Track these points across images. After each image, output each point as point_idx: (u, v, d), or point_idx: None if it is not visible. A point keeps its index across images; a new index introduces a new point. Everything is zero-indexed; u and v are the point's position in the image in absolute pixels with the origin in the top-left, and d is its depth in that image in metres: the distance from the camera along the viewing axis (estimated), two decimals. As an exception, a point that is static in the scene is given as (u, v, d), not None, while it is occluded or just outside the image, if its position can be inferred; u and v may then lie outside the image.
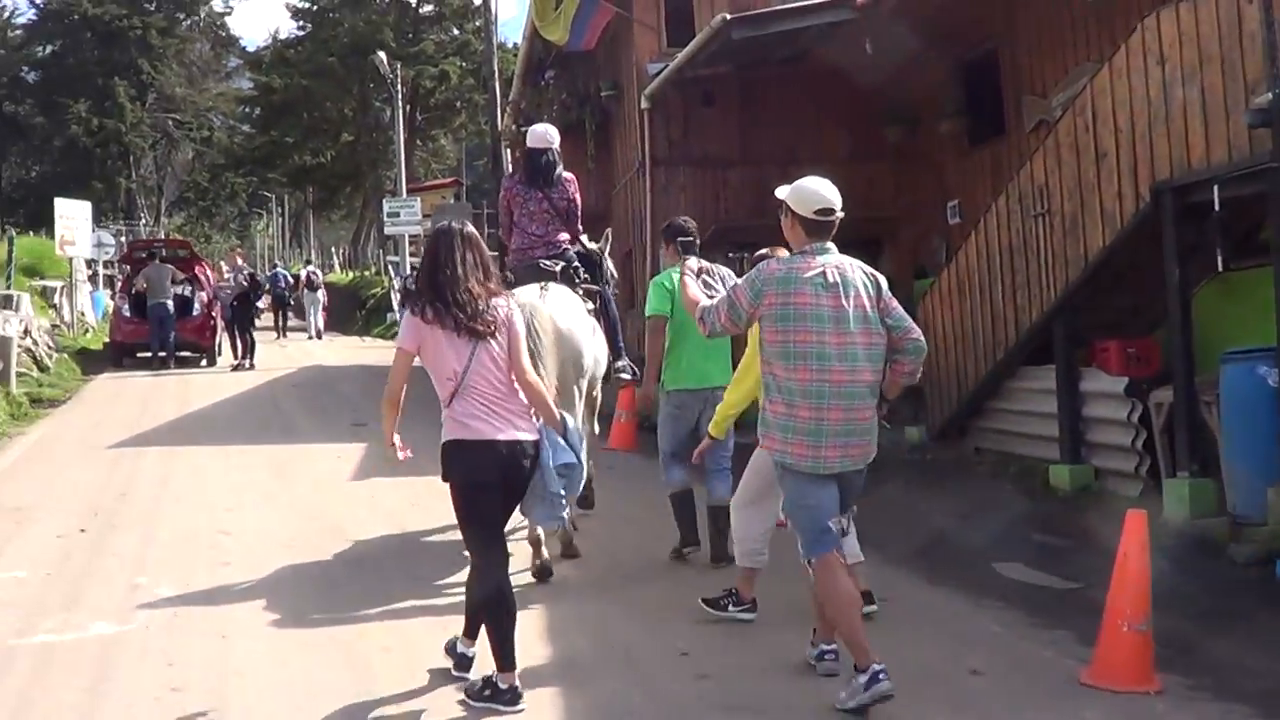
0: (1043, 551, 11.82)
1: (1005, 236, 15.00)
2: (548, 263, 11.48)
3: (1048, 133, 14.75)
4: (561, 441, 7.61)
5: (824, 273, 7.24)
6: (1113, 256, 13.03)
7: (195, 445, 17.94)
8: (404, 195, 50.16)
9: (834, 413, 7.15)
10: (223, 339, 33.16)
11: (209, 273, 34.67)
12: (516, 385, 7.48)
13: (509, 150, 34.11)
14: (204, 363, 32.05)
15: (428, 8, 75.68)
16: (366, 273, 72.49)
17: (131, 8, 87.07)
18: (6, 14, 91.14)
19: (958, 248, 16.82)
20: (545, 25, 22.78)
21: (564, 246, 11.87)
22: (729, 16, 17.54)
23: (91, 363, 31.24)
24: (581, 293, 11.67)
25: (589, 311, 11.56)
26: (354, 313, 56.18)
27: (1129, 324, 14.01)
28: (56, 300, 36.69)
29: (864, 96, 20.87)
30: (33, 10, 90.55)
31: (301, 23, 77.79)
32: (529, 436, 7.45)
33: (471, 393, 7.31)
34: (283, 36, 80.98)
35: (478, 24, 71.20)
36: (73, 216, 38.26)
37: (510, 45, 64.69)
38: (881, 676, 7.01)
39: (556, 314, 10.39)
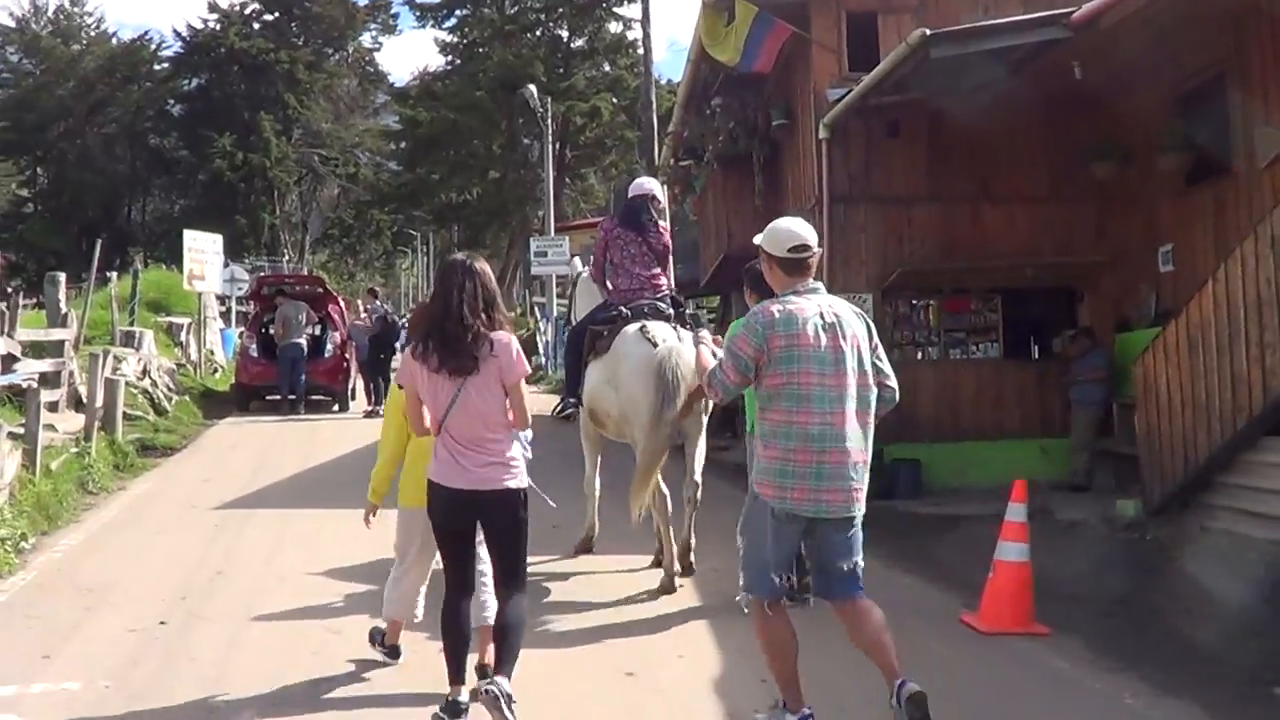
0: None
1: (1252, 288, 12.60)
2: (661, 305, 12.14)
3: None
4: None
5: (821, 313, 7.22)
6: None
7: (312, 508, 15.55)
8: (552, 234, 48.05)
9: (834, 455, 7.10)
10: (356, 382, 31.32)
11: (343, 311, 32.73)
12: (504, 427, 7.59)
13: (666, 186, 32.07)
14: (335, 408, 29.77)
15: (580, 42, 74.64)
16: (512, 313, 70.58)
17: (279, 42, 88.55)
18: (153, 47, 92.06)
19: (1188, 299, 14.48)
20: (714, 45, 20.63)
21: (664, 290, 12.45)
22: (929, 32, 15.33)
23: (216, 405, 29.55)
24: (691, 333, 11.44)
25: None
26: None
27: None
28: (183, 338, 35.42)
29: (1067, 129, 18.69)
30: (179, 43, 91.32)
31: (450, 57, 76.93)
32: (507, 485, 7.54)
33: (448, 437, 7.50)
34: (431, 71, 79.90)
35: (631, 59, 70.44)
36: (203, 249, 36.63)
37: (664, 81, 63.16)
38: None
39: (691, 355, 10.49)
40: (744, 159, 22.25)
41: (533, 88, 51.93)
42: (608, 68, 73.55)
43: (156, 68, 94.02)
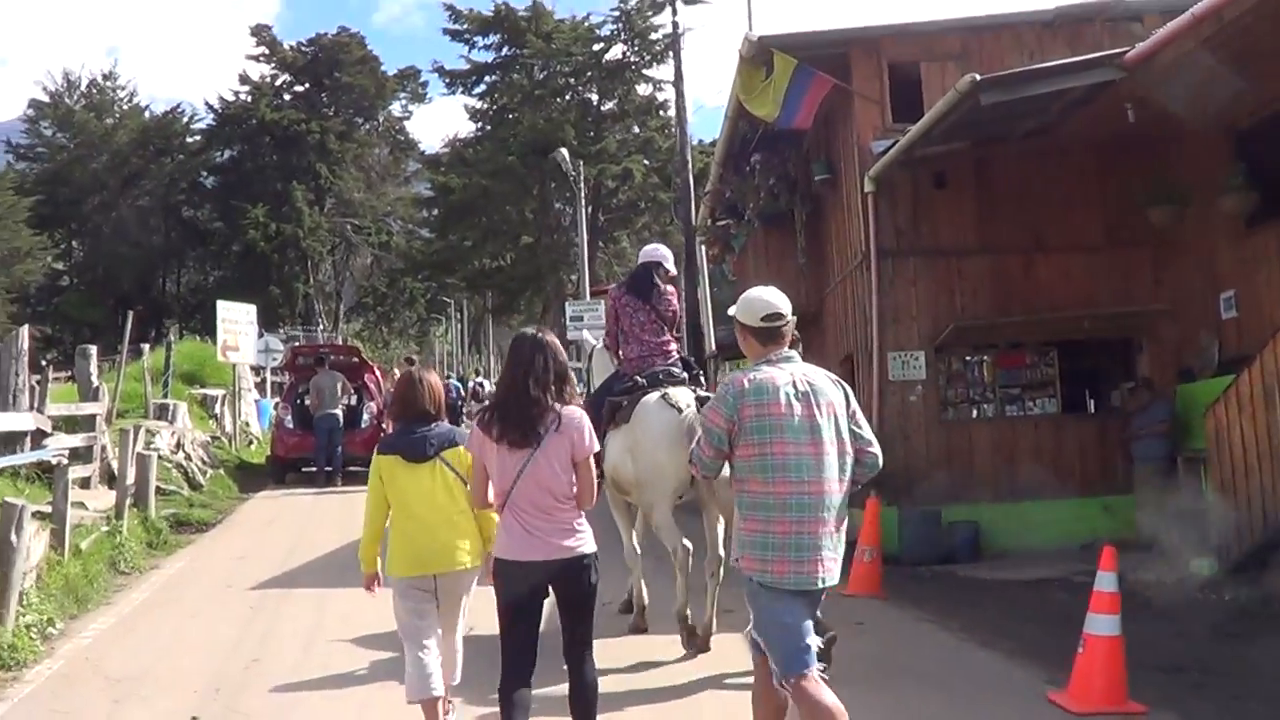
0: None
1: (1332, 332, 12.08)
2: (676, 370, 12.26)
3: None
4: None
5: (794, 382, 7.07)
6: None
7: (351, 587, 14.11)
8: (587, 298, 47.53)
9: (813, 525, 6.92)
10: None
11: (379, 380, 32.26)
12: (570, 498, 7.46)
13: (704, 246, 31.52)
14: (373, 479, 28.93)
15: (609, 105, 74.26)
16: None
17: (310, 112, 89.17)
18: (186, 119, 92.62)
19: (1260, 346, 13.88)
20: (752, 99, 20.06)
21: (674, 355, 12.59)
22: (979, 77, 14.77)
23: (252, 478, 29.08)
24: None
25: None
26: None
27: None
28: (217, 410, 35.04)
29: (1120, 173, 18.19)
30: (211, 115, 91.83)
31: (480, 124, 76.75)
32: (579, 552, 7.43)
33: (517, 510, 7.36)
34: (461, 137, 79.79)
35: (661, 121, 70.17)
36: (236, 320, 36.29)
37: (696, 142, 62.82)
38: None
39: None
40: (785, 216, 21.85)
41: (564, 151, 51.75)
42: (638, 130, 73.23)
43: (189, 140, 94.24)
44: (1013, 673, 10.65)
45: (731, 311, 7.49)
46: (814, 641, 7.00)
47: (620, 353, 12.76)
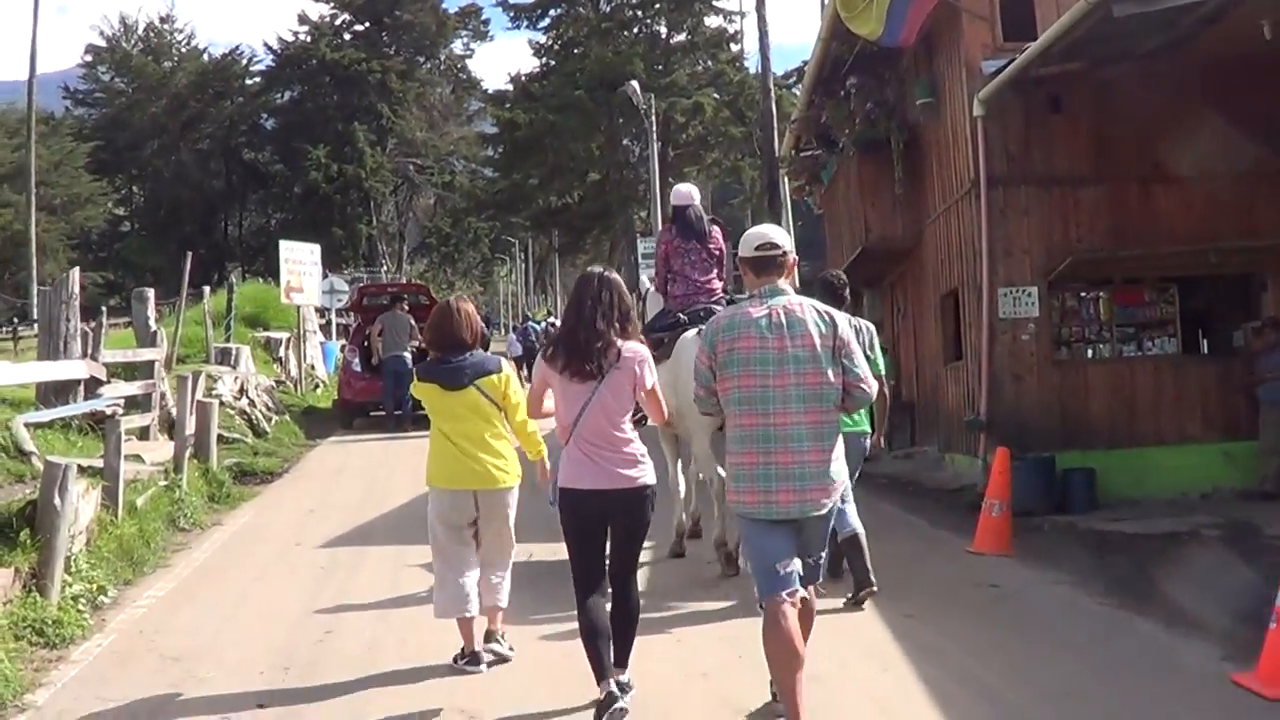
0: None
1: None
2: (715, 308, 11.92)
3: None
4: None
5: (769, 314, 7.16)
6: None
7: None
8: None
9: (781, 456, 7.02)
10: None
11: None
12: (632, 430, 7.87)
13: (789, 177, 30.21)
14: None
15: (679, 37, 72.77)
16: (612, 319, 68.77)
17: (370, 51, 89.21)
18: (245, 61, 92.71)
19: None
20: (854, 17, 18.71)
21: (718, 293, 12.92)
22: (1109, -12, 13.47)
23: (318, 424, 28.05)
24: None
25: None
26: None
27: None
28: (281, 353, 34.13)
29: (1250, 98, 16.58)
30: (270, 57, 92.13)
31: (545, 59, 76.14)
32: (639, 483, 7.73)
33: (582, 440, 7.69)
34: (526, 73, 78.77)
35: (731, 54, 68.98)
36: (300, 260, 35.21)
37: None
38: None
39: None
40: (881, 144, 20.54)
41: (635, 84, 50.59)
42: (708, 63, 71.71)
43: (249, 82, 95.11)
44: (1177, 647, 9.29)
45: (739, 251, 7.54)
46: (795, 567, 7.10)
47: (669, 291, 13.16)
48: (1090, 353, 17.64)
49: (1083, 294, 17.57)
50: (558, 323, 53.49)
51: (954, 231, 18.90)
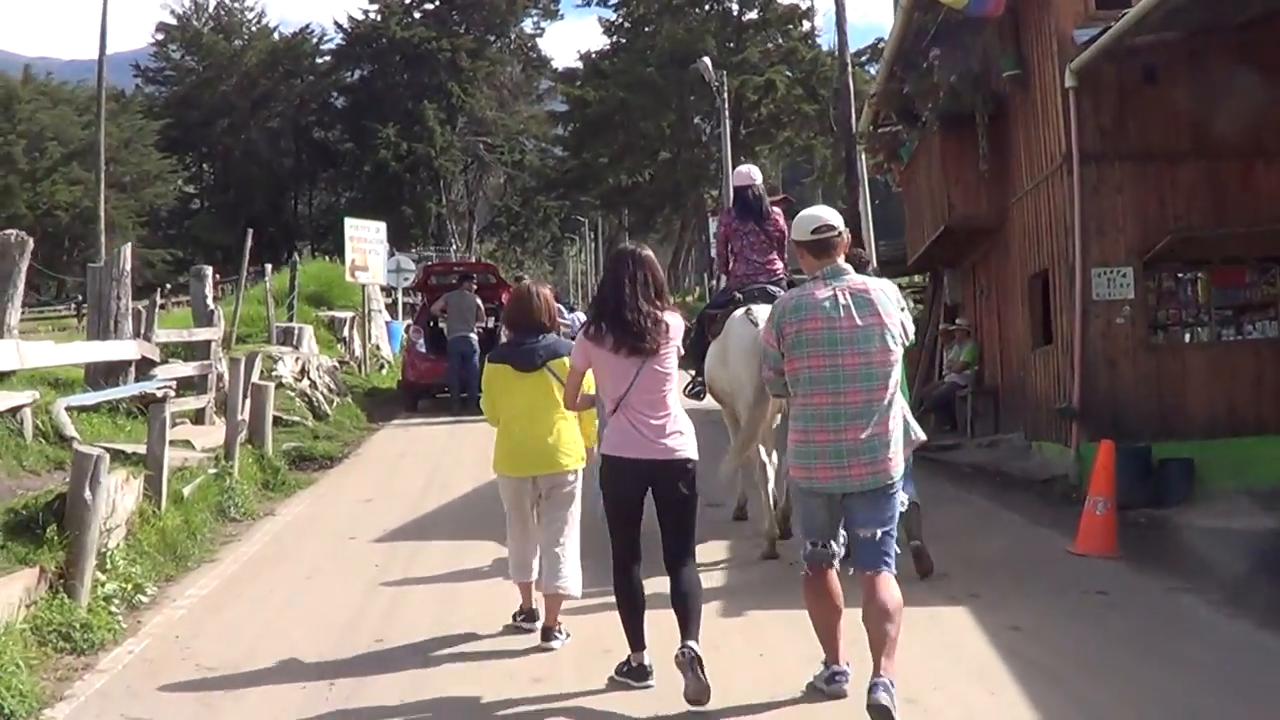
0: None
1: None
2: (773, 288, 12.46)
3: None
4: None
5: (835, 295, 7.35)
6: None
7: (491, 539, 12.10)
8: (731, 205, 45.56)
9: (852, 432, 7.24)
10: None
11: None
12: (678, 402, 8.07)
13: (866, 154, 29.33)
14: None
15: (751, 14, 72.31)
16: (688, 299, 67.76)
17: (440, 30, 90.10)
18: (315, 40, 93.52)
19: None
20: (939, -14, 18.04)
21: (778, 274, 13.08)
22: (1219, -53, 12.63)
23: (382, 406, 27.41)
24: None
25: None
26: (676, 343, 49.43)
27: None
28: (345, 333, 33.60)
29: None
30: (340, 35, 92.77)
31: (615, 38, 76.03)
32: (681, 455, 7.91)
33: (629, 410, 7.89)
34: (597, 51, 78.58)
35: (804, 31, 68.45)
36: (365, 239, 34.46)
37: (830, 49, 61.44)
38: (839, 679, 7.61)
39: None
40: (965, 118, 19.56)
41: (707, 60, 49.88)
42: (780, 40, 71.23)
43: (319, 60, 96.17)
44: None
45: (791, 235, 7.89)
46: (841, 540, 7.49)
47: (729, 271, 13.48)
48: (1188, 337, 16.66)
49: (1180, 275, 16.58)
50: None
51: (1043, 209, 17.98)
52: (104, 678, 8.47)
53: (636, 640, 7.98)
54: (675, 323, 8.04)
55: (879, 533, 7.37)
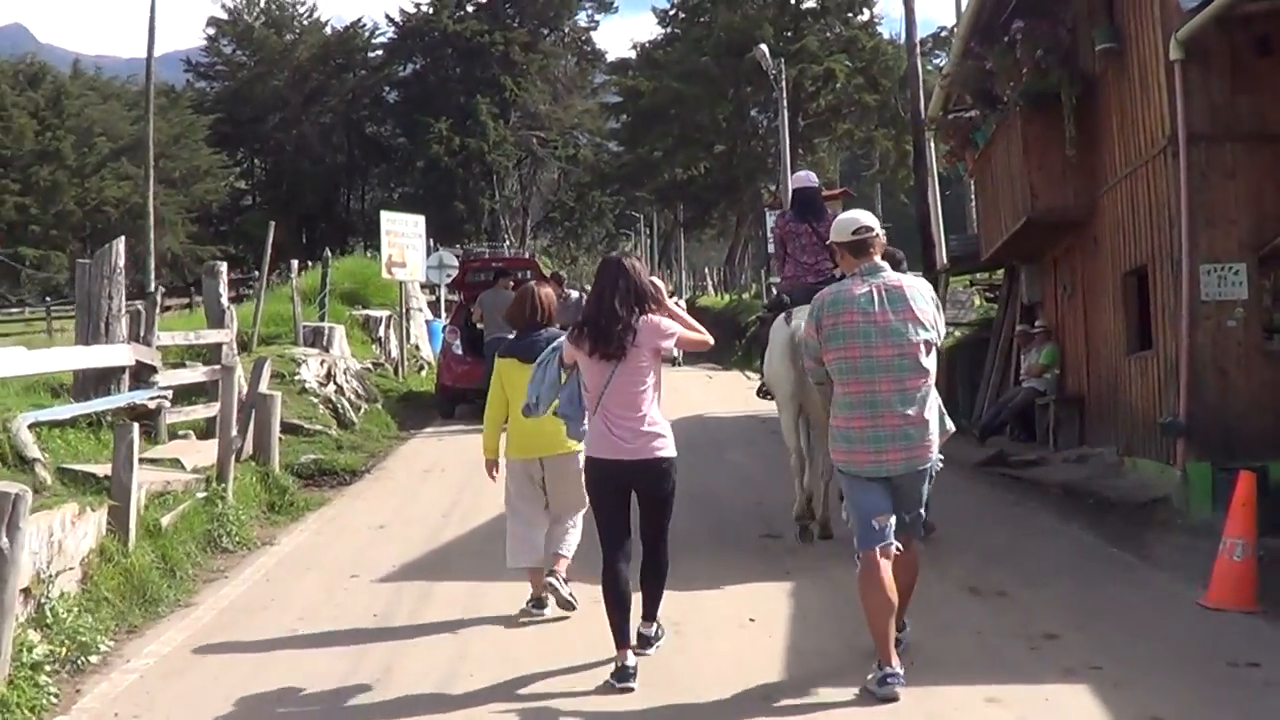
0: None
1: None
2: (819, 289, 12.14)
3: None
4: None
5: (870, 290, 7.93)
6: None
7: (515, 579, 10.49)
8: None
9: (887, 419, 7.80)
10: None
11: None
12: (654, 403, 8.47)
13: (932, 141, 27.66)
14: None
15: (809, 2, 71.00)
16: (744, 295, 66.06)
17: (493, 23, 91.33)
18: (367, 34, 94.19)
19: None
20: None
21: (827, 274, 12.75)
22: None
23: (417, 412, 25.94)
24: None
25: None
26: (731, 341, 45.37)
27: None
28: (381, 333, 32.34)
29: None
30: (392, 29, 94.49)
31: (669, 28, 76.21)
32: (655, 455, 8.38)
33: (605, 413, 8.39)
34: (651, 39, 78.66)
35: (866, 17, 67.56)
36: (402, 233, 32.99)
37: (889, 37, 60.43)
38: (890, 680, 7.66)
39: None
40: (1050, 99, 17.83)
41: (764, 47, 48.38)
42: (840, 29, 69.93)
43: (370, 55, 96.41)
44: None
45: (831, 238, 8.56)
46: (891, 523, 7.86)
47: (783, 272, 14.32)
48: (1311, 343, 15.00)
49: (1297, 272, 14.87)
50: (680, 302, 52.05)
51: (1140, 198, 16.22)
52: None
53: (621, 638, 8.22)
54: (645, 322, 8.32)
55: (915, 513, 8.18)
